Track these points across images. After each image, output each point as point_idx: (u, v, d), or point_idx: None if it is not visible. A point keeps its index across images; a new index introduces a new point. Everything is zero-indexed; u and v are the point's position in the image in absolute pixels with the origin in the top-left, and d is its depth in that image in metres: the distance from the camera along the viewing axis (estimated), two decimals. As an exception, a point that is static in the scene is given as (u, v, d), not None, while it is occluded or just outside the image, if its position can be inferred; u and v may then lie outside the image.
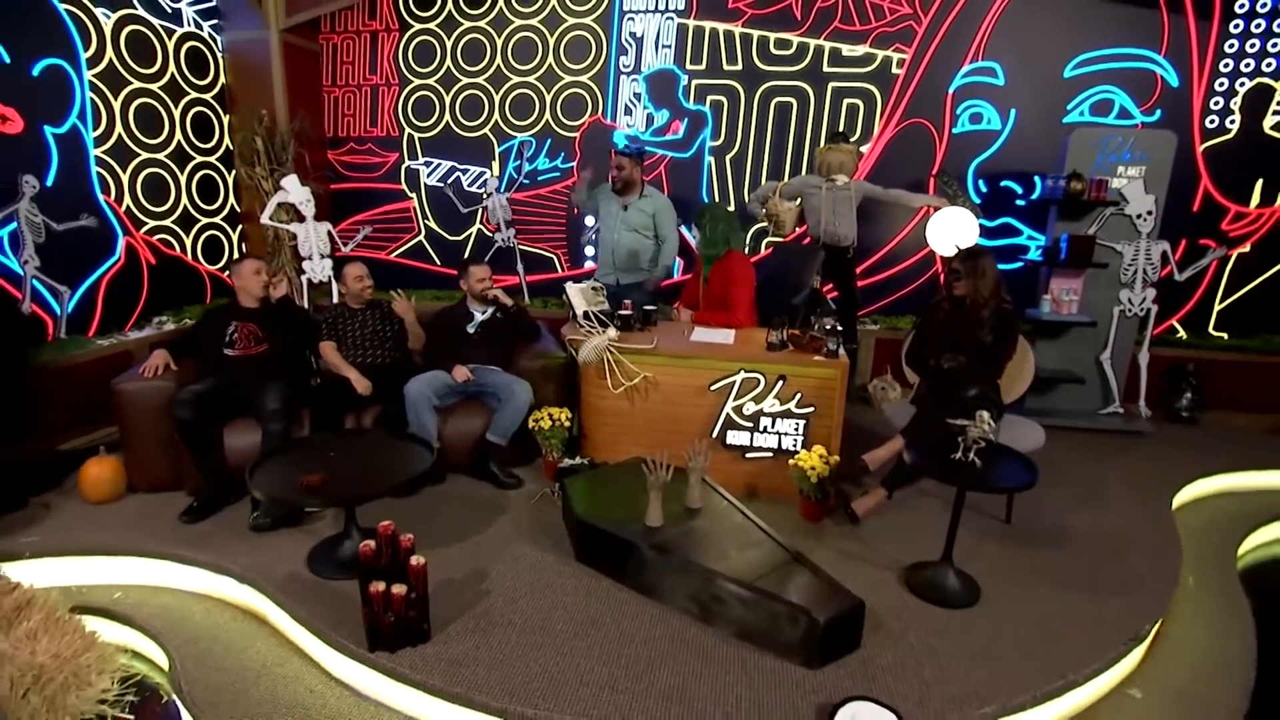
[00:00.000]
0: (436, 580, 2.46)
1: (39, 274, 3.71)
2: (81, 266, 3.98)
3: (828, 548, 2.81)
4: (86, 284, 4.01)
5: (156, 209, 4.44)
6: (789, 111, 4.88)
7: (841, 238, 4.43)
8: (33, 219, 3.68)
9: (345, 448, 2.76)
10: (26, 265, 3.64)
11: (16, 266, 3.61)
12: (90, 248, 4.03)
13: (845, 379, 3.04)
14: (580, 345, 3.19)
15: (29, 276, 3.65)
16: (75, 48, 3.89)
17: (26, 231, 3.64)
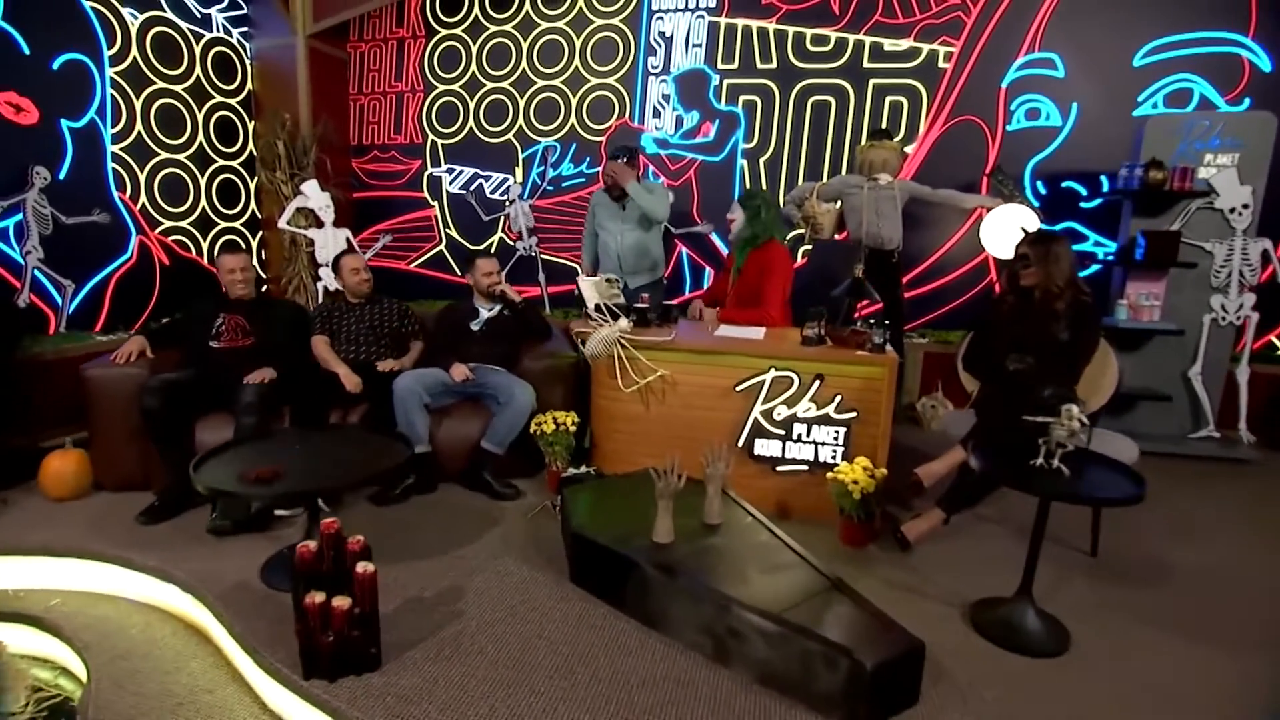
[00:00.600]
0: (404, 597, 2.07)
1: (42, 265, 3.55)
2: (90, 262, 3.83)
3: (873, 577, 2.31)
4: (94, 280, 3.84)
5: (174, 210, 4.30)
6: (827, 111, 4.52)
7: (885, 240, 3.99)
8: (40, 210, 3.54)
9: (315, 442, 2.42)
10: (29, 256, 3.48)
11: (18, 256, 3.45)
12: (101, 244, 3.89)
13: (894, 378, 2.57)
14: (588, 337, 2.81)
15: (30, 267, 3.49)
16: (99, 44, 3.81)
17: (32, 222, 3.50)
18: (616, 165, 3.65)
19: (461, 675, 1.75)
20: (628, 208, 3.81)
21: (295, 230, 4.68)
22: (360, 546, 1.76)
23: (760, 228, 3.24)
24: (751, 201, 3.27)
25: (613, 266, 3.83)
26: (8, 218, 3.42)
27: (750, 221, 3.25)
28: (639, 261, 3.87)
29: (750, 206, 3.26)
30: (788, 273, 3.19)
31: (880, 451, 2.59)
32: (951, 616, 2.09)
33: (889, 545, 2.54)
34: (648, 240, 3.89)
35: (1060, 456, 1.90)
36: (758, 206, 3.24)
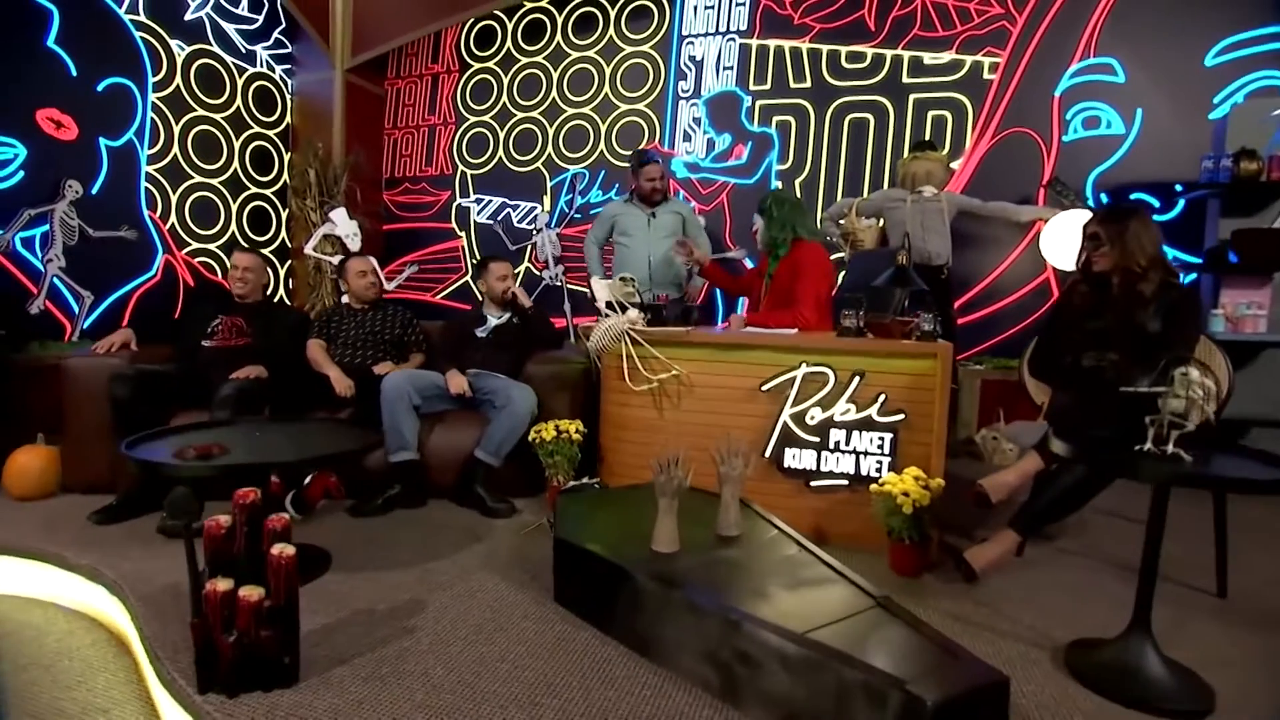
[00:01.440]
0: (353, 608, 1.72)
1: (62, 275, 3.50)
2: (114, 276, 3.78)
3: (932, 610, 1.82)
4: (116, 295, 3.78)
5: (203, 231, 4.28)
6: (865, 129, 4.25)
7: (933, 255, 3.62)
8: (68, 221, 3.53)
9: (280, 431, 2.13)
10: (50, 264, 3.44)
11: (39, 263, 3.41)
12: (127, 260, 3.85)
13: (948, 371, 2.15)
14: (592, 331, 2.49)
15: (49, 275, 3.44)
16: (144, 70, 3.89)
17: (58, 232, 3.48)
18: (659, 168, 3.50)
19: (393, 700, 1.36)
20: (658, 216, 3.60)
21: (321, 256, 4.61)
22: (283, 525, 1.43)
23: (778, 228, 2.92)
24: (765, 203, 2.98)
25: (640, 275, 3.55)
26: (36, 226, 3.40)
27: (768, 225, 2.94)
28: (668, 273, 3.62)
29: (766, 209, 2.96)
30: (823, 270, 2.83)
31: (935, 459, 2.14)
32: (1036, 659, 1.59)
33: (949, 576, 2.05)
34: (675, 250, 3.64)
35: (1175, 440, 1.44)
36: (771, 206, 2.93)
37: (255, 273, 3.05)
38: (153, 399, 2.44)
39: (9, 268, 3.31)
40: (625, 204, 3.69)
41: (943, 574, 2.07)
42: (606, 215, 3.74)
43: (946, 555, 2.17)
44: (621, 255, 3.69)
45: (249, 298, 3.00)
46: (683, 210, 3.71)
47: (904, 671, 1.19)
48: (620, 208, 3.70)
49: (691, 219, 3.74)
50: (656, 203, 3.61)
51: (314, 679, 1.42)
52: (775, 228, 2.91)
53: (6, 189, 3.30)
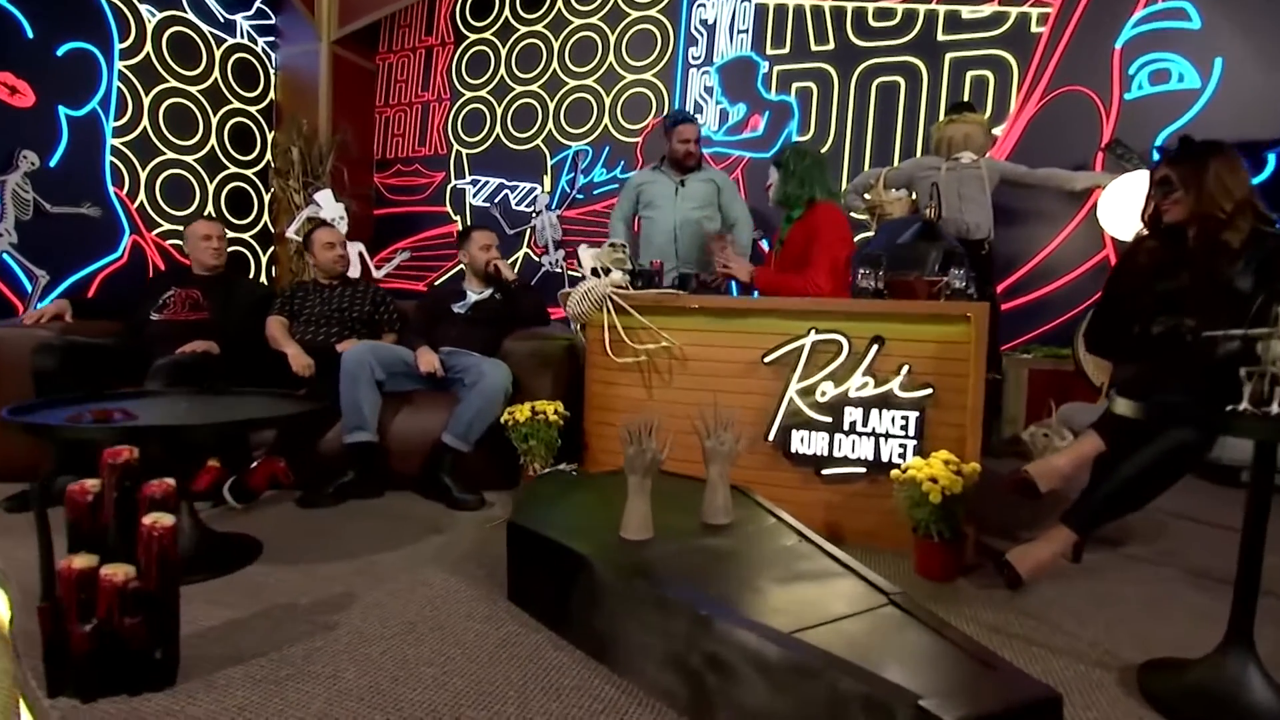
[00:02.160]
0: (272, 601, 1.55)
1: (12, 250, 3.43)
2: (74, 256, 3.71)
3: (966, 621, 1.58)
4: (76, 276, 3.71)
5: (176, 212, 4.21)
6: (895, 94, 4.03)
7: (971, 227, 3.37)
8: (21, 194, 3.46)
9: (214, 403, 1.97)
10: (0, 239, 3.37)
11: (-12, 239, 3.35)
12: (89, 239, 3.78)
13: (984, 335, 1.90)
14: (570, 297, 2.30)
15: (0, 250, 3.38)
16: (110, 36, 3.85)
17: (9, 205, 3.41)
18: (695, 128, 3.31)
19: (283, 707, 1.17)
20: (688, 184, 3.37)
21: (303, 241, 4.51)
22: (164, 492, 1.25)
23: (796, 184, 2.68)
24: (784, 156, 2.74)
25: (666, 248, 3.34)
26: (-15, 199, 3.35)
27: (783, 180, 2.71)
28: (694, 247, 3.37)
29: (784, 162, 2.73)
30: (840, 234, 2.60)
31: (970, 442, 1.90)
32: (1100, 681, 1.34)
33: (988, 581, 1.79)
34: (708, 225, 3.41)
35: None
36: (790, 159, 2.71)
37: (223, 240, 2.95)
38: (83, 373, 2.31)
39: (-43, 242, 3.25)
40: (653, 171, 3.46)
41: (980, 579, 1.82)
42: (630, 186, 3.51)
43: (985, 557, 1.92)
44: (646, 231, 3.47)
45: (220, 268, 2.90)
46: (718, 179, 3.46)
47: (919, 683, 0.96)
48: (646, 175, 3.48)
49: (729, 189, 3.46)
50: (689, 169, 3.38)
51: (196, 680, 1.23)
52: (793, 183, 2.68)
53: (-45, 157, 3.25)
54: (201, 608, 1.51)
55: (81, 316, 2.63)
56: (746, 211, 3.50)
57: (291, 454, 2.37)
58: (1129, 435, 1.74)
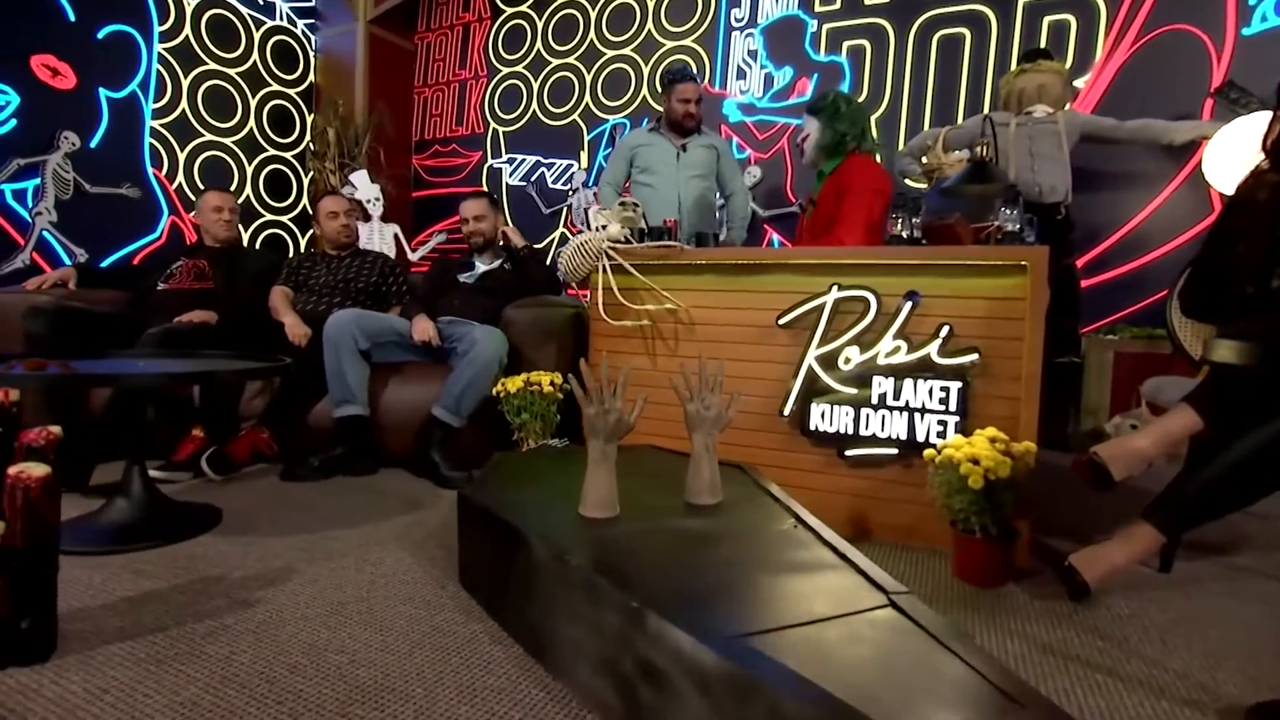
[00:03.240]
0: (201, 574, 1.43)
1: (52, 229, 3.51)
2: (113, 235, 3.78)
3: (1015, 636, 1.28)
4: (115, 255, 3.78)
5: (214, 193, 4.26)
6: (958, 49, 3.64)
7: (1045, 189, 2.98)
8: (62, 175, 3.55)
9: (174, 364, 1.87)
10: (40, 217, 3.46)
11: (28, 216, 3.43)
12: (128, 219, 3.85)
13: (1043, 288, 1.57)
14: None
15: (38, 228, 3.46)
16: (150, 18, 3.92)
17: (50, 184, 3.50)
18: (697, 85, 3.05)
19: (152, 690, 1.01)
20: (690, 150, 3.14)
21: (340, 222, 4.50)
22: (47, 440, 1.11)
23: (848, 123, 2.36)
24: (824, 102, 2.42)
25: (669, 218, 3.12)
26: (28, 179, 3.44)
27: (832, 121, 2.37)
28: (703, 218, 3.16)
29: (823, 108, 2.41)
30: (875, 186, 2.27)
31: (1024, 417, 1.57)
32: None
33: (1046, 589, 1.47)
34: (708, 195, 3.20)
35: None
36: (833, 103, 2.39)
37: (235, 213, 2.91)
38: (76, 338, 2.27)
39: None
40: (649, 133, 3.24)
41: (1036, 586, 1.49)
42: (624, 147, 3.29)
43: (1044, 560, 1.60)
44: (644, 198, 3.25)
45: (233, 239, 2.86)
46: (718, 144, 3.23)
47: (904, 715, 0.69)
48: (642, 137, 3.25)
49: (727, 155, 3.25)
50: (689, 132, 3.15)
51: (74, 656, 1.09)
52: (844, 122, 2.34)
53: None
54: (123, 578, 1.39)
55: (91, 285, 2.62)
56: (744, 182, 3.26)
57: (279, 426, 2.27)
58: (1236, 407, 1.38)
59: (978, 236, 1.66)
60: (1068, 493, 2.07)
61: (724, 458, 1.72)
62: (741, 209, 3.33)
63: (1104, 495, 1.47)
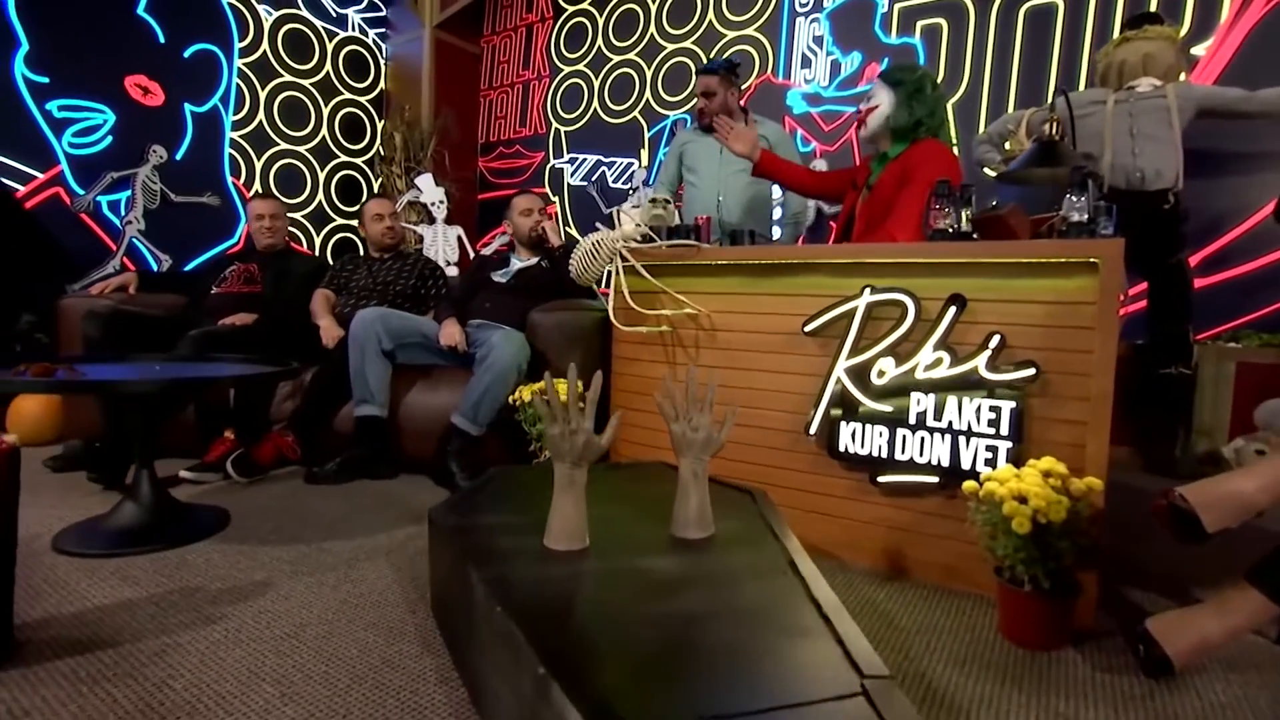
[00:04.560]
0: (182, 582, 1.40)
1: (141, 237, 3.74)
2: (195, 241, 4.00)
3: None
4: (197, 260, 3.99)
5: (288, 200, 4.45)
6: (1048, 22, 3.25)
7: (1149, 175, 2.61)
8: (150, 186, 3.78)
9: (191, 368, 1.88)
10: (129, 226, 3.70)
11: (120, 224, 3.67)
12: (208, 225, 4.06)
13: (1117, 291, 1.30)
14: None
15: (128, 236, 3.70)
16: (231, 37, 4.12)
17: (139, 195, 3.73)
18: (711, 78, 2.85)
19: (77, 713, 0.95)
20: None
21: (405, 226, 4.59)
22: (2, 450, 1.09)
23: (925, 110, 2.08)
24: (900, 73, 2.13)
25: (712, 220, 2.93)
26: (121, 190, 3.68)
27: (909, 102, 2.05)
28: (753, 215, 2.96)
29: (900, 80, 2.12)
30: (949, 171, 1.98)
31: (1093, 446, 1.31)
32: None
33: (1116, 660, 1.21)
34: (759, 190, 2.98)
35: None
36: (919, 81, 2.10)
37: (281, 219, 2.99)
38: (128, 341, 2.36)
39: (92, 227, 3.58)
40: (695, 131, 3.08)
41: (1102, 653, 1.23)
42: (675, 146, 3.15)
43: (1116, 617, 1.33)
44: (689, 197, 3.09)
45: (276, 246, 2.93)
46: (769, 134, 3.00)
47: None
48: (690, 135, 3.10)
49: (782, 144, 3.02)
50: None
51: (21, 670, 1.07)
52: (925, 106, 2.05)
53: (96, 153, 3.59)
54: (108, 584, 1.38)
55: (151, 289, 2.73)
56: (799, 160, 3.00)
57: (306, 428, 2.28)
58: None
59: (1037, 229, 1.40)
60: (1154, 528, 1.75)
61: (745, 478, 1.56)
62: (796, 204, 3.11)
63: (1194, 549, 1.19)
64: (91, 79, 3.55)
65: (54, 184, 3.45)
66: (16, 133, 3.32)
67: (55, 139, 3.45)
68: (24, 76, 3.33)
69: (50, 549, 1.57)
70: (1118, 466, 2.76)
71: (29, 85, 3.35)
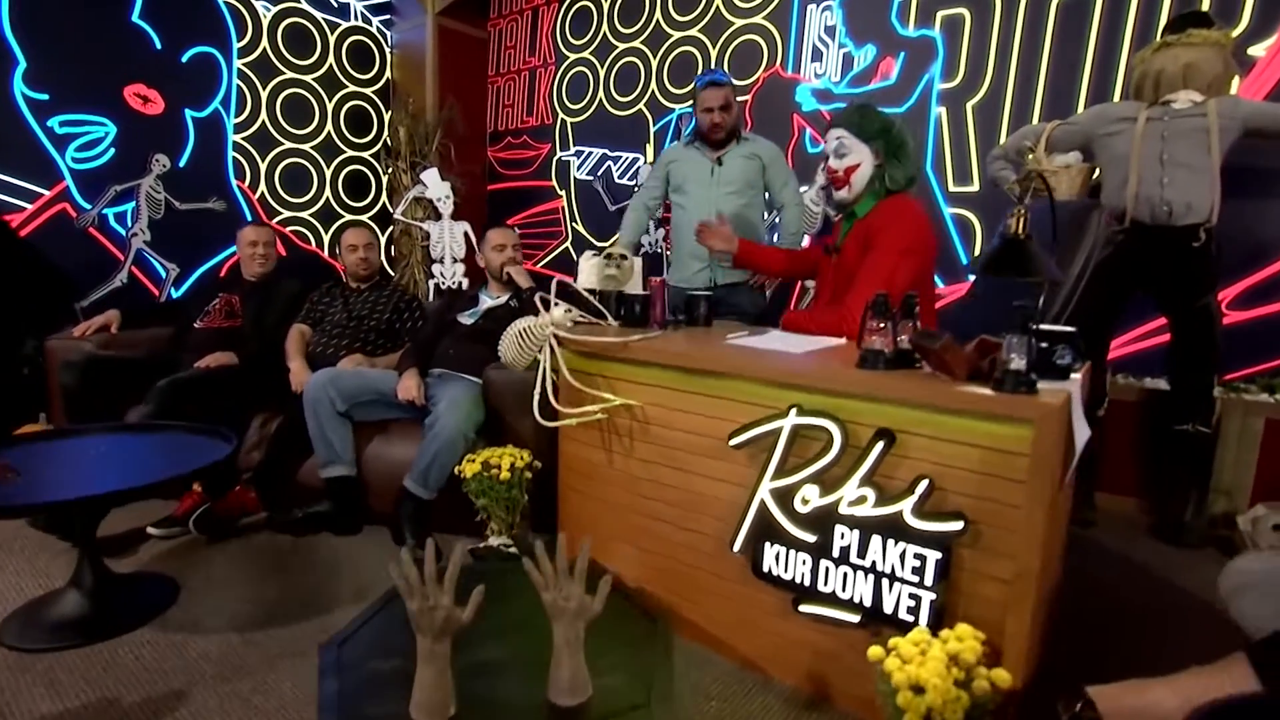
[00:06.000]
0: (101, 691, 1.40)
1: (147, 248, 3.81)
2: (203, 248, 4.05)
3: None
4: (205, 266, 4.06)
5: (294, 199, 4.45)
6: (1084, 14, 2.90)
7: (1177, 210, 2.35)
8: (154, 196, 3.82)
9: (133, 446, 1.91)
10: (135, 238, 3.76)
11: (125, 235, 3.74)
12: (214, 231, 4.09)
13: (1059, 450, 1.15)
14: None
15: (133, 249, 3.77)
16: (229, 36, 4.06)
17: (144, 206, 3.78)
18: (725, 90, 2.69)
19: None
20: (725, 163, 2.79)
21: (410, 222, 4.56)
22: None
23: (906, 169, 1.93)
24: (884, 126, 1.92)
25: (695, 253, 2.79)
26: (124, 202, 3.73)
27: (893, 157, 1.91)
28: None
29: (889, 135, 1.92)
30: (905, 245, 1.83)
31: (1014, 621, 1.19)
32: None
33: None
34: (749, 213, 2.83)
35: None
36: (901, 134, 1.92)
37: (272, 246, 3.00)
38: (103, 388, 2.42)
39: (101, 240, 3.66)
40: (685, 147, 2.91)
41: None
42: (661, 162, 2.99)
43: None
44: (677, 221, 2.94)
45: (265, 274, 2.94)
46: (762, 151, 2.83)
47: None
48: (677, 151, 2.93)
49: (775, 162, 2.84)
50: (721, 144, 2.78)
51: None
52: (906, 164, 1.92)
53: (99, 166, 3.63)
54: (32, 691, 1.44)
55: (136, 324, 2.78)
56: (797, 192, 2.84)
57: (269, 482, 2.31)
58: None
59: (973, 367, 1.25)
60: (1148, 629, 1.62)
61: (676, 584, 1.52)
62: (793, 224, 2.94)
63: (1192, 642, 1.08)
64: (91, 92, 3.56)
65: (60, 200, 3.52)
66: (20, 151, 3.37)
67: (59, 155, 3.50)
68: (24, 95, 3.37)
69: (-5, 640, 1.64)
70: (1121, 522, 2.59)
71: (29, 103, 3.39)
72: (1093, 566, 2.18)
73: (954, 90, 3.22)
